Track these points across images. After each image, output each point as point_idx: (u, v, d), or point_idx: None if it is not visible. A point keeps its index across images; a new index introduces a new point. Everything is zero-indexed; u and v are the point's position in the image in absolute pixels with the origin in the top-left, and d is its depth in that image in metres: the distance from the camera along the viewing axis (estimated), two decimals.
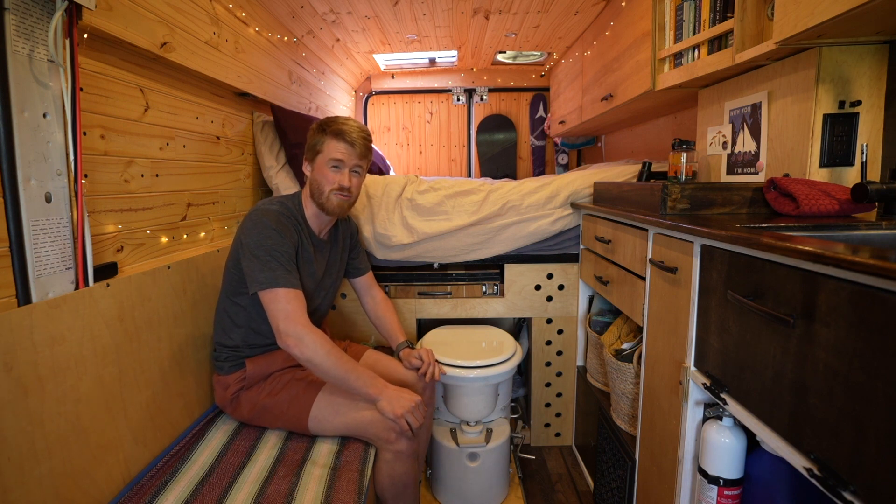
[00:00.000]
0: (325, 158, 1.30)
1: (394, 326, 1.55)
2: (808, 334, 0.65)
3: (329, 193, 1.30)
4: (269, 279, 1.17)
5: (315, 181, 1.32)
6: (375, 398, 1.19)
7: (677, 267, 1.03)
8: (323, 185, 1.30)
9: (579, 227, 1.80)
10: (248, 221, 1.25)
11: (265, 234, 1.20)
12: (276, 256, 1.19)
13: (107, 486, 1.00)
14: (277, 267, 1.18)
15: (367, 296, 1.60)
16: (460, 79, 3.47)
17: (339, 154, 1.30)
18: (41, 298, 0.89)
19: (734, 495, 0.91)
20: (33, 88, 0.88)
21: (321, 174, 1.30)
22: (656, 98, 1.73)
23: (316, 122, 1.36)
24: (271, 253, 1.19)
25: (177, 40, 1.29)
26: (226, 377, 1.31)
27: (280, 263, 1.19)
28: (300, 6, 2.02)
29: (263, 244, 1.19)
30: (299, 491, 1.06)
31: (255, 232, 1.21)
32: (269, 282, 1.17)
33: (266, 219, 1.23)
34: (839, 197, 0.97)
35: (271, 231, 1.21)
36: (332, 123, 1.31)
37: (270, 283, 1.17)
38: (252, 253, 1.19)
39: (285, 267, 1.20)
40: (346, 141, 1.29)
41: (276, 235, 1.21)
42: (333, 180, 1.30)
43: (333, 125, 1.31)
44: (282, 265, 1.19)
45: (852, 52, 1.05)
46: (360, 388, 1.19)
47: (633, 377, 1.34)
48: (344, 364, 1.17)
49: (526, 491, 1.72)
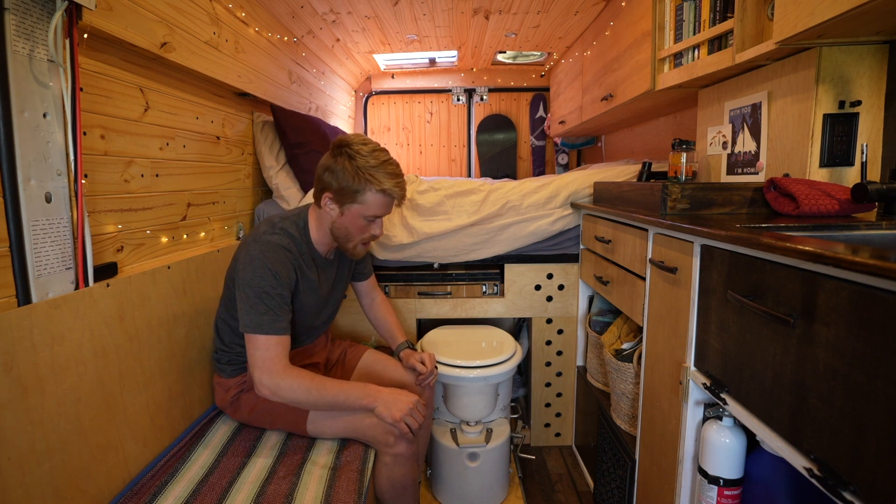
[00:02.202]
0: (366, 212, 1.21)
1: (394, 327, 1.55)
2: (808, 334, 0.65)
3: (358, 243, 1.26)
4: (253, 323, 1.12)
5: (343, 227, 1.24)
6: (372, 407, 1.17)
7: (677, 267, 1.03)
8: (353, 235, 1.24)
9: (579, 227, 1.80)
10: (247, 252, 1.17)
11: (259, 273, 1.14)
12: (265, 300, 1.13)
13: (107, 486, 1.00)
14: (265, 311, 1.13)
15: (367, 298, 1.59)
16: (460, 79, 3.47)
17: (382, 211, 1.22)
18: (41, 298, 0.89)
19: (734, 495, 0.91)
20: (33, 88, 0.88)
21: (353, 224, 1.22)
22: (656, 98, 1.73)
23: (347, 151, 1.18)
24: (261, 296, 1.13)
25: (177, 40, 1.29)
26: (227, 380, 1.31)
27: (268, 307, 1.13)
28: (300, 6, 2.02)
29: (256, 284, 1.13)
30: (299, 491, 1.06)
31: (250, 268, 1.14)
32: (252, 326, 1.12)
33: (264, 256, 1.15)
34: (839, 197, 0.97)
35: (266, 272, 1.14)
36: (378, 176, 1.17)
37: (253, 328, 1.12)
38: (244, 290, 1.14)
39: (274, 311, 1.14)
40: (393, 197, 1.21)
41: (270, 277, 1.14)
42: (367, 231, 1.24)
43: (381, 180, 1.17)
44: (270, 309, 1.13)
45: (852, 52, 1.05)
46: (354, 404, 1.17)
47: (633, 377, 1.34)
48: (329, 390, 1.15)
49: (526, 491, 1.72)
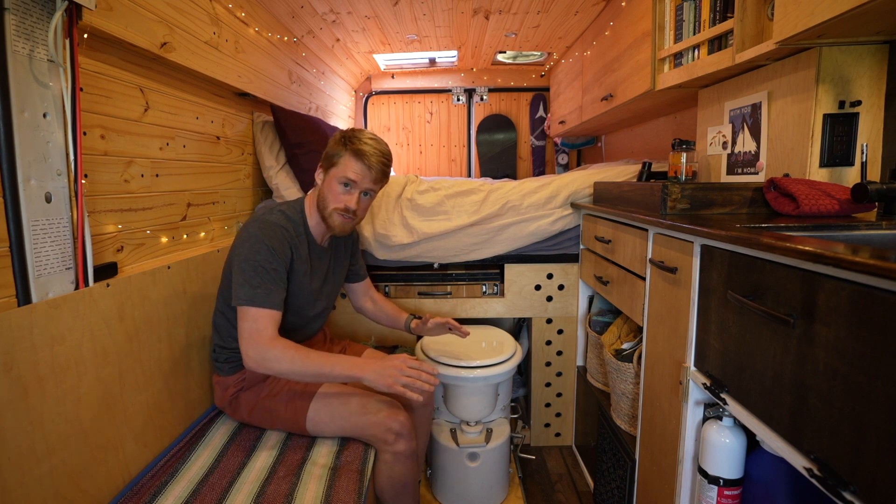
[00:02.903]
0: (338, 174, 1.25)
1: (396, 310, 1.57)
2: (808, 334, 0.65)
3: (332, 211, 1.27)
4: (247, 296, 1.14)
5: (323, 193, 1.28)
6: (360, 377, 1.14)
7: (677, 267, 1.03)
8: (329, 200, 1.26)
9: (579, 227, 1.80)
10: (244, 231, 1.21)
11: (255, 248, 1.17)
12: (259, 273, 1.15)
13: (107, 486, 1.00)
14: (259, 285, 1.15)
15: (365, 297, 1.59)
16: (460, 79, 3.47)
17: (354, 174, 1.25)
18: (41, 298, 0.89)
19: (734, 495, 0.91)
20: (33, 88, 0.88)
21: (330, 189, 1.26)
22: (656, 98, 1.73)
23: (340, 131, 1.30)
24: (256, 269, 1.15)
25: (177, 40, 1.29)
26: (225, 378, 1.31)
27: (262, 281, 1.15)
28: (300, 6, 2.02)
29: (252, 258, 1.16)
30: (299, 491, 1.06)
31: (247, 244, 1.17)
32: (245, 299, 1.14)
33: (261, 232, 1.19)
34: (839, 197, 0.97)
35: (262, 246, 1.17)
36: (354, 140, 1.25)
37: (246, 301, 1.14)
38: (240, 266, 1.16)
39: (267, 285, 1.15)
40: (364, 163, 1.24)
41: (266, 251, 1.17)
42: (340, 200, 1.26)
43: (355, 142, 1.25)
44: (264, 283, 1.15)
45: (852, 52, 1.05)
46: (341, 374, 1.14)
47: (633, 377, 1.34)
48: (315, 360, 1.13)
49: (526, 491, 1.72)
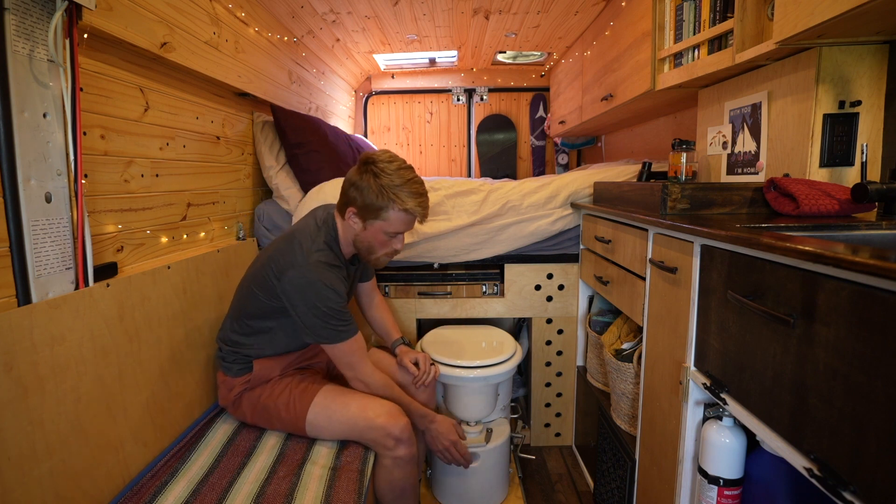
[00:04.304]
0: (388, 228, 1.24)
1: (390, 325, 1.58)
2: (808, 334, 0.65)
3: (381, 256, 1.30)
4: (331, 335, 1.21)
5: (367, 241, 1.27)
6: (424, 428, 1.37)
7: (677, 267, 1.03)
8: (376, 249, 1.28)
9: (579, 227, 1.80)
10: (301, 277, 1.17)
11: (323, 294, 1.18)
12: (335, 315, 1.20)
13: (107, 486, 1.00)
14: (338, 324, 1.21)
15: (366, 298, 1.60)
16: (460, 79, 3.47)
17: (405, 228, 1.26)
18: (41, 298, 0.89)
19: (734, 495, 0.91)
20: (33, 88, 0.88)
21: (376, 238, 1.26)
22: (656, 98, 1.73)
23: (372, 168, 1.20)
24: (332, 312, 1.19)
25: (177, 40, 1.29)
26: (232, 379, 1.30)
27: (340, 320, 1.21)
28: (300, 6, 2.02)
29: (322, 305, 1.18)
30: (299, 491, 1.06)
31: (312, 291, 1.17)
32: (331, 337, 1.21)
33: (321, 276, 1.18)
34: (839, 197, 0.97)
35: (329, 291, 1.19)
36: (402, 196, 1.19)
37: (333, 339, 1.22)
38: (312, 312, 1.18)
39: (346, 321, 1.22)
40: (414, 217, 1.24)
41: (333, 295, 1.19)
42: (389, 246, 1.28)
43: (405, 200, 1.19)
44: (342, 321, 1.21)
45: (852, 52, 1.04)
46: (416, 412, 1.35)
47: (633, 377, 1.34)
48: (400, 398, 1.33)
49: (526, 491, 1.72)
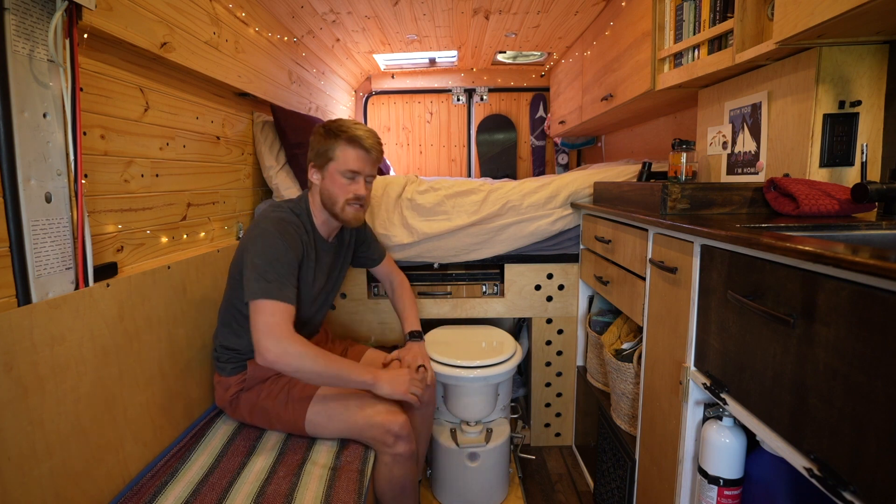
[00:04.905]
0: (340, 168, 1.24)
1: (403, 315, 1.55)
2: (808, 334, 0.65)
3: (344, 204, 1.27)
4: (261, 290, 1.12)
5: (327, 190, 1.27)
6: (372, 384, 1.20)
7: (677, 267, 1.03)
8: (337, 195, 1.26)
9: (579, 227, 1.80)
10: (254, 229, 1.21)
11: (269, 242, 1.16)
12: (275, 267, 1.14)
13: (107, 486, 1.00)
14: (273, 279, 1.13)
15: (387, 284, 1.60)
16: (460, 79, 3.47)
17: (356, 164, 1.25)
18: (41, 298, 0.89)
19: (734, 495, 0.91)
20: (33, 88, 0.88)
21: (334, 184, 1.25)
22: (656, 98, 1.73)
23: (320, 125, 1.29)
24: (271, 263, 1.14)
25: (177, 40, 1.29)
26: (227, 378, 1.30)
27: (277, 275, 1.14)
28: (300, 6, 2.02)
29: (266, 253, 1.15)
30: (299, 491, 1.06)
31: (261, 240, 1.17)
32: (260, 292, 1.12)
33: (275, 228, 1.19)
34: (839, 197, 0.97)
35: (277, 241, 1.17)
36: (344, 129, 1.24)
37: (261, 294, 1.12)
38: (252, 262, 1.15)
39: (281, 280, 1.15)
40: (363, 148, 1.24)
41: (280, 245, 1.17)
42: (349, 190, 1.26)
43: (347, 130, 1.24)
44: (279, 277, 1.14)
45: (852, 52, 1.04)
46: (357, 380, 1.20)
47: (633, 377, 1.34)
48: (335, 362, 1.16)
49: (526, 491, 1.72)
